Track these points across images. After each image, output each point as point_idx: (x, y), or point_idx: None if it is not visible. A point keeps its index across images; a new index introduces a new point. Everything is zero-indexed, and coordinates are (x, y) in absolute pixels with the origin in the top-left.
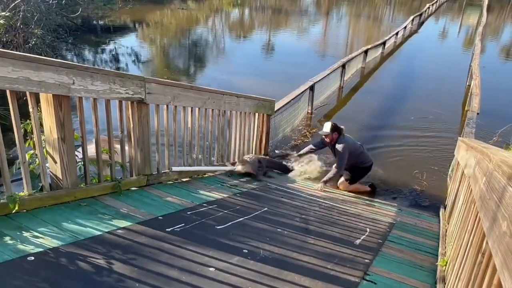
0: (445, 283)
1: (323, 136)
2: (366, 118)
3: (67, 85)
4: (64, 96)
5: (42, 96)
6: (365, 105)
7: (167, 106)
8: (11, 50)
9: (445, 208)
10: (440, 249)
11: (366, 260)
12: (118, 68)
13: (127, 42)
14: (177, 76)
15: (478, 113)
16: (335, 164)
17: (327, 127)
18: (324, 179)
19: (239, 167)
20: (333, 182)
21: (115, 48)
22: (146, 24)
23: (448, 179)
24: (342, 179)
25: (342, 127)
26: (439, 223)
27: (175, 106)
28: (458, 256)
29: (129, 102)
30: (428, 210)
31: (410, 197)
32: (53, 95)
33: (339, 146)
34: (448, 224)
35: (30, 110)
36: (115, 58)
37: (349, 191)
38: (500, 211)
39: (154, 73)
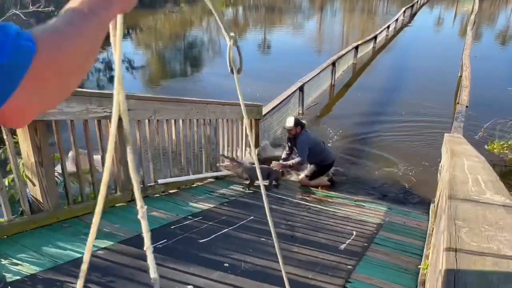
0: (424, 287)
1: (288, 131)
2: (357, 115)
3: None
4: (38, 120)
5: None
6: (356, 102)
7: (149, 120)
8: None
9: (435, 205)
10: (425, 250)
11: (349, 266)
12: (111, 77)
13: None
14: (172, 82)
15: (467, 106)
16: (298, 155)
17: (290, 121)
18: (288, 163)
19: (224, 165)
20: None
21: (107, 55)
22: (140, 29)
23: (438, 174)
24: (302, 175)
25: (304, 122)
26: (428, 221)
27: (157, 120)
28: (435, 259)
29: (107, 120)
30: (418, 206)
31: (400, 194)
32: None
33: (300, 140)
34: (435, 222)
35: (4, 136)
36: (109, 66)
37: (310, 186)
38: (439, 228)
39: (150, 79)
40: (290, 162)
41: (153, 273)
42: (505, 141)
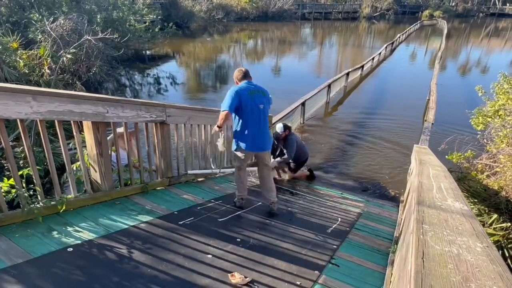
0: (393, 266)
1: (279, 134)
2: (345, 127)
3: (102, 113)
4: (100, 122)
5: (84, 122)
6: (345, 116)
7: (184, 124)
8: (77, 77)
9: (404, 200)
10: (394, 236)
11: (334, 246)
12: (159, 89)
13: (168, 68)
14: (205, 95)
15: (432, 123)
16: (286, 152)
17: (280, 127)
18: (276, 164)
19: None
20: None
21: (157, 73)
22: (182, 53)
23: (407, 176)
24: (287, 171)
25: (290, 125)
26: (398, 212)
27: (191, 124)
28: (403, 252)
29: (153, 123)
30: (390, 200)
31: (377, 189)
32: (92, 122)
33: (290, 140)
34: (403, 214)
35: (74, 133)
36: (157, 81)
37: (294, 177)
38: (409, 228)
39: (188, 92)
40: (278, 161)
41: None
42: (462, 153)
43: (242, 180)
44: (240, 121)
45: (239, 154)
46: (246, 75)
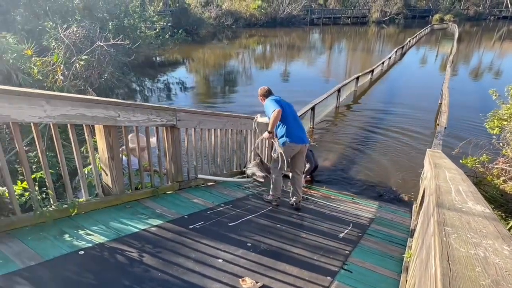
0: (407, 273)
1: None
2: (355, 131)
3: (114, 117)
4: (112, 126)
5: (96, 126)
6: (355, 120)
7: (195, 128)
8: (89, 83)
9: (417, 206)
10: (408, 242)
11: (346, 252)
12: (169, 94)
13: (177, 74)
14: (214, 100)
15: (445, 127)
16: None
17: None
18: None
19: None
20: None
21: (167, 78)
22: (192, 59)
23: (420, 181)
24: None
25: None
26: (411, 218)
27: (201, 129)
28: (417, 250)
29: (164, 128)
30: (403, 206)
31: (392, 195)
32: (103, 125)
33: None
34: (417, 220)
35: (86, 137)
36: (167, 87)
37: None
38: (428, 231)
39: (197, 97)
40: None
41: None
42: (477, 157)
43: (279, 181)
44: (284, 123)
45: (285, 149)
46: (270, 92)
